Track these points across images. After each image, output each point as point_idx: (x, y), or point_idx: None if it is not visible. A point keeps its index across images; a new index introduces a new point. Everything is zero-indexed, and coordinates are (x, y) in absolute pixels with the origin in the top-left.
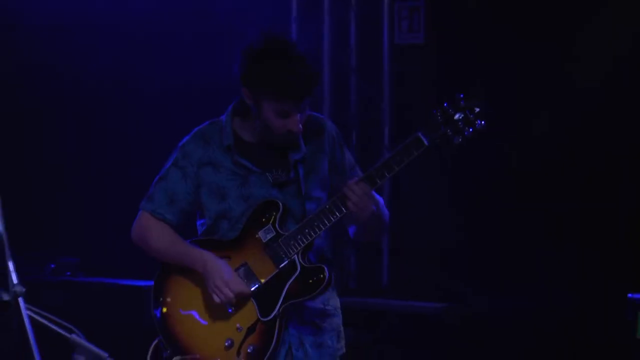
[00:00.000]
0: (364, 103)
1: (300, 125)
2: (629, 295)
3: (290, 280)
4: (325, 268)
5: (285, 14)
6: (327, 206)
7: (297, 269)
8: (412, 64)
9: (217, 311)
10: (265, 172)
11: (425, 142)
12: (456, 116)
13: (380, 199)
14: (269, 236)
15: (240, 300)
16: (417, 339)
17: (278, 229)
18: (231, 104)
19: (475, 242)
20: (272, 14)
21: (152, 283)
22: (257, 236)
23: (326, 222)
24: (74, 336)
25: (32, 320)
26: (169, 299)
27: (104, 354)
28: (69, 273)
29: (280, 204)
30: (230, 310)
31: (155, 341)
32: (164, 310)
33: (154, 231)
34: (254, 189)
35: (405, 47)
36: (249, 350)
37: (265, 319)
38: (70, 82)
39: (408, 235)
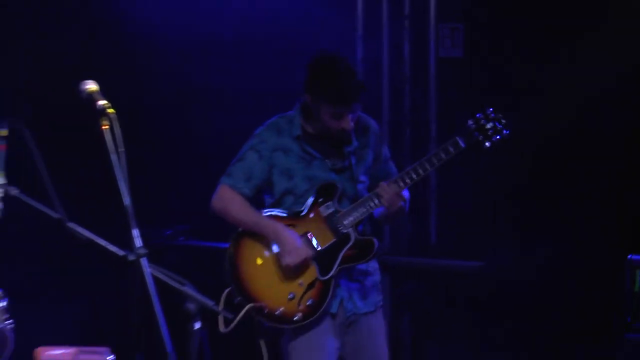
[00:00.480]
0: (415, 106)
1: (352, 124)
2: (629, 256)
3: (345, 248)
4: (375, 240)
5: (352, 34)
6: (369, 196)
7: (351, 239)
8: (453, 73)
9: (283, 269)
10: (326, 159)
11: (462, 145)
12: (487, 125)
13: (407, 195)
14: (328, 211)
15: (304, 262)
16: (459, 293)
17: (336, 206)
18: (298, 103)
19: (512, 207)
20: (341, 34)
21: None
22: (318, 210)
23: (369, 208)
24: (186, 288)
25: (152, 275)
26: (242, 257)
27: (210, 302)
28: (182, 238)
29: (338, 186)
30: (294, 270)
31: (227, 290)
32: (238, 266)
33: (233, 202)
34: (317, 171)
35: (448, 60)
36: (308, 303)
37: (323, 278)
38: (186, 83)
39: (453, 203)
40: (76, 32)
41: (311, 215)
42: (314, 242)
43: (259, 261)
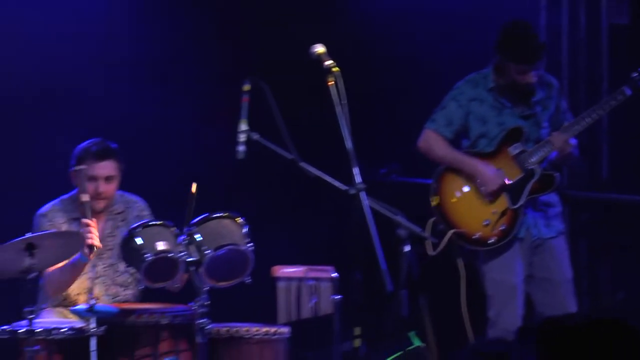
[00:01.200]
0: (590, 64)
1: (535, 79)
2: None
3: (532, 182)
4: (556, 175)
5: (537, 5)
6: (548, 140)
7: (536, 174)
8: (620, 36)
9: (479, 200)
10: (514, 108)
11: (628, 92)
12: None
13: (575, 142)
14: (516, 151)
15: (497, 192)
16: (629, 223)
17: (523, 146)
18: (491, 62)
19: None
20: (527, 6)
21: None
22: (508, 150)
23: (550, 149)
24: (398, 217)
25: (370, 206)
26: (444, 190)
27: (418, 229)
28: (394, 175)
29: (525, 130)
30: (489, 199)
31: (432, 219)
32: (440, 198)
33: (437, 143)
34: (507, 118)
35: (616, 26)
36: (501, 228)
37: (514, 207)
38: (400, 46)
39: (623, 144)
40: (308, 7)
41: (501, 154)
42: (505, 176)
43: (459, 193)
